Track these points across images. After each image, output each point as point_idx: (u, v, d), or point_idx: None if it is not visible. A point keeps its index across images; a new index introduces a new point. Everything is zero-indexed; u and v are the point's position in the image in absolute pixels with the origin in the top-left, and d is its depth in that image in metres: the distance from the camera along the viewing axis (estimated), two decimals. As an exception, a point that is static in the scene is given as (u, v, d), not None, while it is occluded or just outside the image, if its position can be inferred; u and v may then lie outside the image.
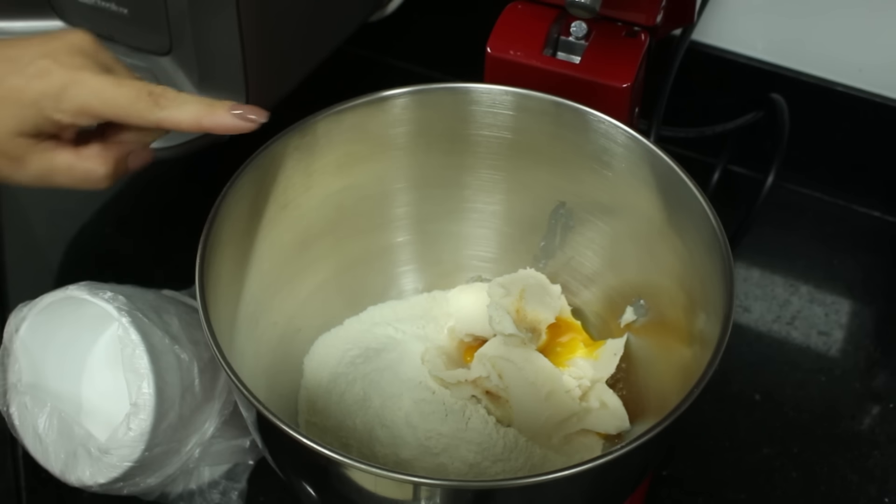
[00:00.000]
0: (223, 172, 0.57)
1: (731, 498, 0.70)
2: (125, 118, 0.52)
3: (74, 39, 0.52)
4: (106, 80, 0.51)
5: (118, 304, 0.62)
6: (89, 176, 0.53)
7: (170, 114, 0.51)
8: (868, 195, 0.87)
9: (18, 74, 0.50)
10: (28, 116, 0.50)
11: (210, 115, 0.52)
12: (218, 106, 0.53)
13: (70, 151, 0.53)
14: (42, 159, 0.52)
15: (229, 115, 0.53)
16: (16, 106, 0.50)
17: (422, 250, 0.70)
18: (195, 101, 0.52)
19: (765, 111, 0.82)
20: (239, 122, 0.53)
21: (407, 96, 0.63)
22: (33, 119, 0.50)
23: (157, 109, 0.51)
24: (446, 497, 0.49)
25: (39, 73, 0.50)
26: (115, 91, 0.51)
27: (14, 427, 0.64)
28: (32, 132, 0.51)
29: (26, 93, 0.50)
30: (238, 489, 0.67)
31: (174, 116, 0.52)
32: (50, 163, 0.52)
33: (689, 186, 0.57)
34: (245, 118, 0.53)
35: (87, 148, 0.53)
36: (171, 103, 0.51)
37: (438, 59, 0.93)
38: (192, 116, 0.52)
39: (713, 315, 0.54)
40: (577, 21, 0.68)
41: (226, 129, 0.53)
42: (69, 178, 0.53)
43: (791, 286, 0.82)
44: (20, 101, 0.50)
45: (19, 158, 0.52)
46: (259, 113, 0.54)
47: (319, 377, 0.65)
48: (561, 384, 0.63)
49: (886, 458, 0.72)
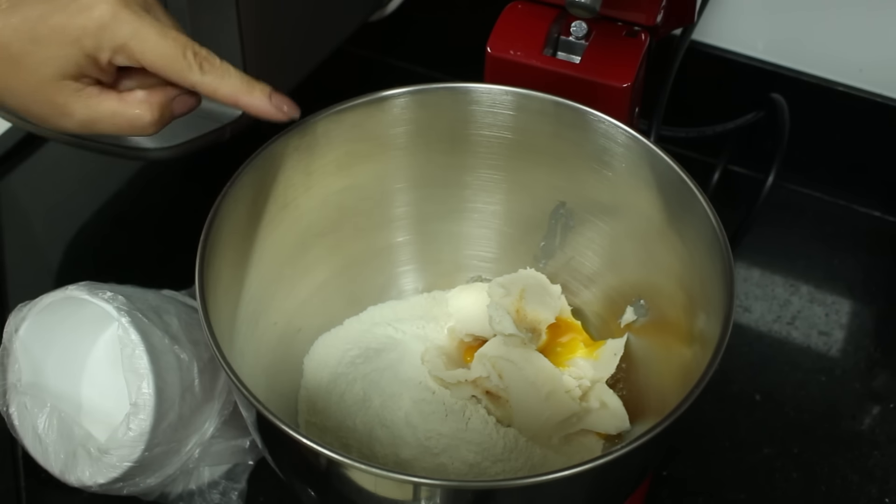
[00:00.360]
0: (223, 172, 0.57)
1: (732, 498, 0.70)
2: (162, 71, 0.50)
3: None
4: (150, 25, 0.50)
5: (118, 304, 0.62)
6: (135, 122, 0.52)
7: (211, 80, 0.51)
8: (868, 195, 0.87)
9: (62, 11, 0.49)
10: (70, 55, 0.49)
11: (248, 94, 0.52)
12: (257, 88, 0.52)
13: (114, 97, 0.52)
14: (87, 105, 0.51)
15: (266, 100, 0.52)
16: (58, 45, 0.49)
17: (422, 250, 0.70)
18: (237, 76, 0.51)
19: (765, 111, 0.82)
20: (272, 109, 0.52)
21: (407, 96, 0.63)
22: (75, 57, 0.50)
23: (198, 72, 0.50)
24: (446, 497, 0.49)
25: (80, 9, 0.49)
26: (158, 40, 0.49)
27: (14, 427, 0.64)
28: (75, 73, 0.50)
29: (68, 30, 0.49)
30: (238, 489, 0.67)
31: (213, 84, 0.51)
32: (95, 109, 0.51)
33: (690, 186, 0.57)
34: (279, 109, 0.53)
35: (132, 94, 0.52)
36: (214, 70, 0.51)
37: (438, 59, 0.93)
38: (231, 90, 0.51)
39: (713, 315, 0.54)
40: (578, 21, 0.68)
41: (258, 112, 0.52)
42: (114, 125, 0.52)
43: (791, 286, 0.82)
44: (62, 40, 0.49)
45: (64, 104, 0.51)
46: (292, 107, 0.53)
47: (319, 377, 0.65)
48: (561, 384, 0.63)
49: (887, 459, 0.72)
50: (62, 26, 0.49)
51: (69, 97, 0.51)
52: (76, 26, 0.49)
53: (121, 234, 0.86)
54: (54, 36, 0.49)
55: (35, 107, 0.51)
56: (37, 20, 0.49)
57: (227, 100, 0.51)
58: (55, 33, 0.49)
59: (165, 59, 0.50)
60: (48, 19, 0.49)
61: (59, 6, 0.49)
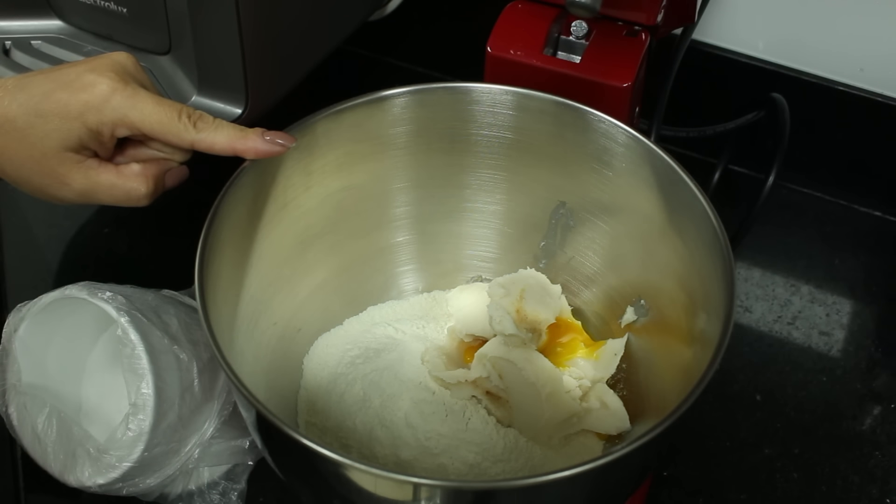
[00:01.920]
0: (223, 172, 0.57)
1: (732, 498, 0.70)
2: (161, 135, 0.55)
3: (118, 58, 0.56)
4: (147, 97, 0.54)
5: (117, 305, 0.62)
6: (131, 194, 0.56)
7: (206, 136, 0.55)
8: (869, 195, 0.87)
9: (65, 89, 0.53)
10: (73, 129, 0.53)
11: (243, 140, 0.56)
12: (250, 132, 0.56)
13: (113, 170, 0.56)
14: (86, 176, 0.55)
15: (261, 140, 0.56)
16: (61, 119, 0.53)
17: (422, 250, 0.70)
18: (229, 127, 0.56)
19: (765, 111, 0.82)
20: (270, 146, 0.56)
21: (407, 96, 0.63)
22: (77, 131, 0.53)
23: (193, 131, 0.54)
24: (446, 498, 0.49)
25: (84, 86, 0.53)
26: (154, 108, 0.54)
27: (13, 427, 0.64)
28: (76, 146, 0.54)
29: (72, 105, 0.53)
30: (238, 490, 0.67)
31: (209, 139, 0.55)
32: (94, 180, 0.55)
33: (690, 186, 0.57)
34: (275, 143, 0.56)
35: (129, 167, 0.56)
36: (208, 126, 0.55)
37: (438, 59, 0.93)
38: (227, 141, 0.55)
39: (714, 315, 0.54)
40: (578, 20, 0.68)
41: (257, 154, 0.56)
42: (111, 196, 0.56)
43: (792, 286, 0.82)
44: (66, 115, 0.53)
45: (64, 175, 0.55)
46: (287, 139, 0.57)
47: (319, 377, 0.65)
48: (561, 384, 0.63)
49: (888, 459, 0.72)
50: (66, 102, 0.53)
51: (70, 168, 0.55)
52: (80, 102, 0.53)
53: (121, 234, 0.86)
54: (58, 110, 0.53)
55: (36, 178, 0.55)
56: (41, 97, 0.53)
57: (225, 150, 0.55)
58: (59, 108, 0.53)
59: (162, 124, 0.54)
60: (52, 95, 0.53)
61: (63, 84, 0.53)
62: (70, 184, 0.55)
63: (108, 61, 0.55)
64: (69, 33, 0.70)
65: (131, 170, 0.56)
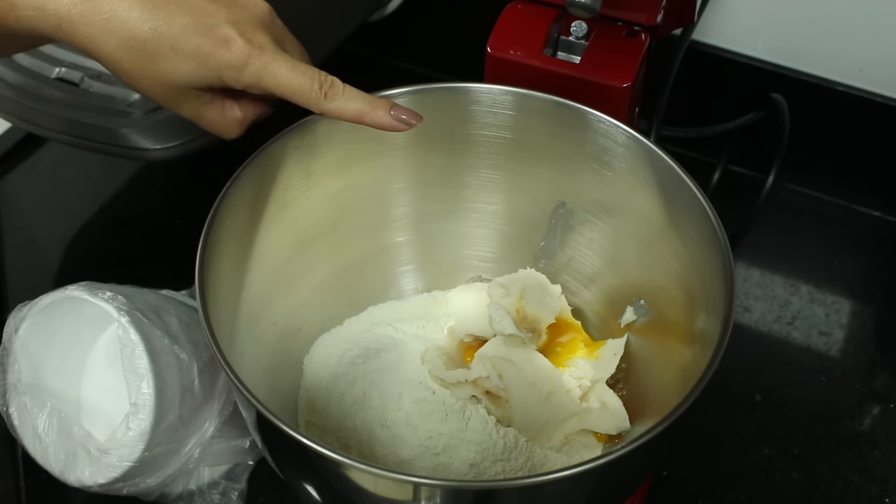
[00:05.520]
0: (223, 172, 0.57)
1: (732, 498, 0.70)
2: (294, 100, 0.55)
3: (257, 12, 0.55)
4: (284, 63, 0.54)
5: (118, 304, 0.62)
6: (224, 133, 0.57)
7: (337, 105, 0.55)
8: (868, 195, 0.87)
9: (205, 35, 0.52)
10: (207, 76, 0.53)
11: (371, 112, 0.56)
12: (378, 105, 0.56)
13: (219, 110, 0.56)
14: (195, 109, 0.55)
15: (388, 116, 0.56)
16: (198, 64, 0.52)
17: (422, 250, 0.70)
18: (360, 98, 0.56)
19: (765, 111, 0.82)
20: (395, 122, 0.56)
21: (407, 96, 0.63)
22: (210, 80, 0.53)
23: (325, 101, 0.55)
24: (446, 497, 0.49)
25: (226, 42, 0.52)
26: (291, 76, 0.54)
27: (14, 427, 0.64)
28: (204, 88, 0.54)
29: (212, 58, 0.52)
30: (238, 489, 0.67)
31: (340, 110, 0.55)
32: (199, 113, 0.56)
33: (690, 186, 0.57)
34: (400, 119, 0.56)
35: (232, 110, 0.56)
36: (338, 96, 0.55)
37: (438, 59, 0.93)
38: (356, 112, 0.55)
39: (713, 315, 0.54)
40: (578, 21, 0.68)
41: (383, 127, 0.56)
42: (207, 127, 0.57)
43: (791, 286, 0.82)
44: (205, 63, 0.52)
45: (175, 101, 0.54)
46: (414, 117, 0.57)
47: (319, 377, 0.65)
48: (561, 384, 0.63)
49: (887, 459, 0.72)
50: (206, 53, 0.52)
51: (187, 99, 0.54)
52: (220, 58, 0.52)
53: (121, 234, 0.86)
54: (196, 55, 0.52)
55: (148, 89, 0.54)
56: (179, 32, 0.52)
57: (354, 119, 0.56)
58: (198, 54, 0.52)
59: (296, 92, 0.54)
60: (192, 37, 0.52)
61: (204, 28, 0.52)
62: (178, 108, 0.55)
63: (248, 15, 0.54)
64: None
65: (234, 115, 0.56)
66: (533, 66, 0.67)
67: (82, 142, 0.71)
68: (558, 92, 0.62)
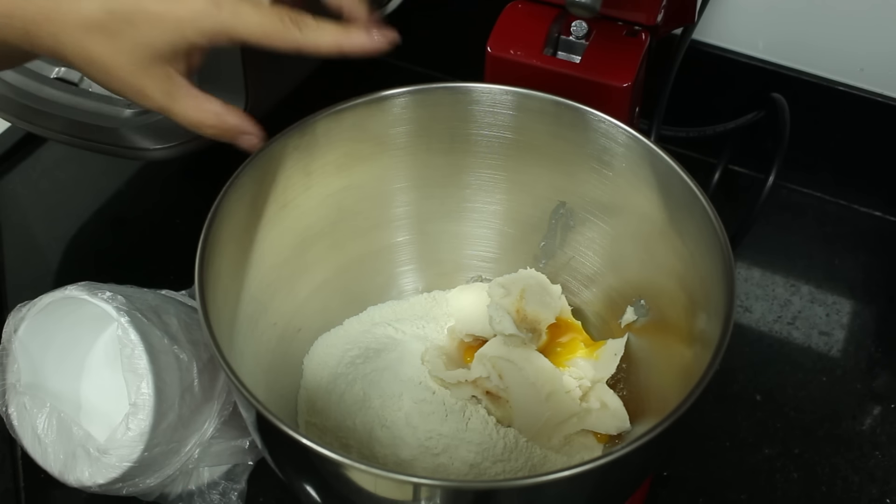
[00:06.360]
0: (223, 172, 0.57)
1: (732, 498, 0.70)
2: (266, 40, 0.52)
3: None
4: (248, 6, 0.52)
5: (117, 305, 0.62)
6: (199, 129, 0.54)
7: (312, 36, 0.53)
8: (869, 195, 0.87)
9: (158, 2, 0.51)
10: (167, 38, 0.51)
11: (348, 37, 0.54)
12: (352, 29, 0.54)
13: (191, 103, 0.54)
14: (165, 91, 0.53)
15: (366, 37, 0.54)
16: (158, 29, 0.51)
17: (422, 250, 0.70)
18: (332, 27, 0.53)
19: (766, 111, 0.82)
20: (375, 43, 0.54)
21: (407, 96, 0.63)
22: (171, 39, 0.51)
23: (298, 33, 0.52)
24: (446, 497, 0.49)
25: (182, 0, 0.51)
26: (255, 15, 0.51)
27: (13, 427, 0.64)
28: (169, 54, 0.52)
29: (167, 17, 0.51)
30: (238, 490, 0.67)
31: (314, 39, 0.53)
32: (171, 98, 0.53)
33: (690, 186, 0.57)
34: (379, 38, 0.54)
35: (209, 102, 0.54)
36: (310, 27, 0.53)
37: (438, 59, 0.92)
38: (332, 40, 0.53)
39: (714, 315, 0.54)
40: (578, 20, 0.68)
41: (364, 50, 0.54)
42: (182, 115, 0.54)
43: (792, 286, 0.82)
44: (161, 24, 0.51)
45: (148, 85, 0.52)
46: (391, 35, 0.55)
47: (319, 377, 0.65)
48: (561, 385, 0.63)
49: (888, 459, 0.72)
50: (160, 14, 0.50)
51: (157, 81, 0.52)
52: (175, 14, 0.50)
53: (121, 234, 0.86)
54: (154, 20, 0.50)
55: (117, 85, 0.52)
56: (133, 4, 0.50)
57: (332, 51, 0.53)
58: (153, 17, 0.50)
59: (265, 28, 0.52)
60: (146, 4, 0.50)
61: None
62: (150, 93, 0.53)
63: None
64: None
65: (212, 107, 0.54)
66: (533, 65, 0.67)
67: (82, 141, 0.71)
68: (558, 92, 0.62)
